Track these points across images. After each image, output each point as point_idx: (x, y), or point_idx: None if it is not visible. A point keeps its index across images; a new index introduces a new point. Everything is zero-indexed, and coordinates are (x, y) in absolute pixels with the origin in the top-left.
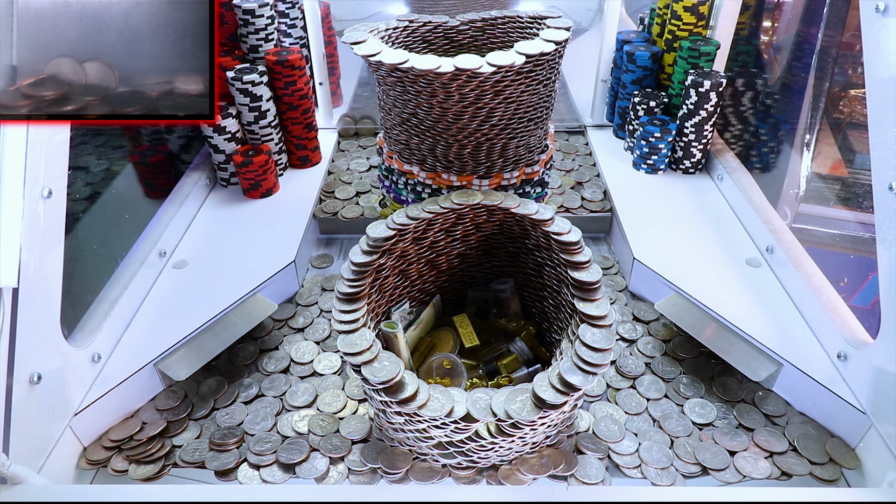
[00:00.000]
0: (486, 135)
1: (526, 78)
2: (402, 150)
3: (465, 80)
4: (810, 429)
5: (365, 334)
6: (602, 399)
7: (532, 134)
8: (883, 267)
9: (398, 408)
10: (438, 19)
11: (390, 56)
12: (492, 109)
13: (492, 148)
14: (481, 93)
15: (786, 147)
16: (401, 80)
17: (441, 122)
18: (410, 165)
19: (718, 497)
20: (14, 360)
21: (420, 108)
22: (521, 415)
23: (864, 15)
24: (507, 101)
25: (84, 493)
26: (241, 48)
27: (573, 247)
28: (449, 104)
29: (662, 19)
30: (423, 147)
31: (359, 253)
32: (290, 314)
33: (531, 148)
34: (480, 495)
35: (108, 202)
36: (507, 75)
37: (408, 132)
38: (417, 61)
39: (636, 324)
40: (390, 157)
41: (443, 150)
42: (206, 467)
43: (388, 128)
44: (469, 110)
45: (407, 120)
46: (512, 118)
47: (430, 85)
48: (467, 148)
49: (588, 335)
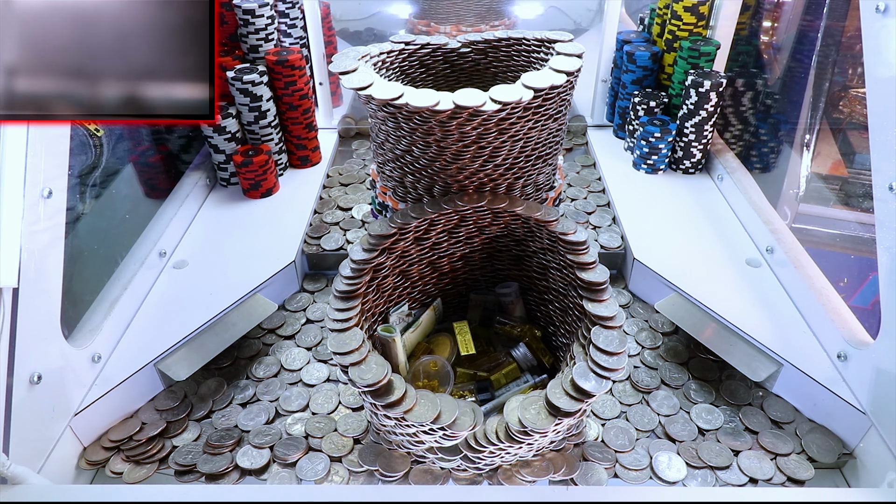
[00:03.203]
0: (489, 175)
1: (534, 113)
2: (396, 188)
3: (466, 119)
4: (811, 429)
5: (356, 334)
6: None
7: (540, 172)
8: (883, 267)
9: (385, 412)
10: (437, 41)
11: (383, 90)
12: (496, 148)
13: (495, 188)
14: (484, 131)
15: (786, 147)
16: (394, 115)
17: (439, 160)
18: (405, 204)
19: (719, 497)
20: (14, 360)
21: (415, 145)
22: (535, 423)
23: (864, 15)
24: (513, 140)
25: (84, 493)
26: (241, 48)
27: (580, 247)
28: (448, 142)
29: (662, 19)
30: (418, 186)
31: (359, 250)
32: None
33: (539, 186)
34: (479, 495)
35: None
36: (512, 112)
37: (402, 169)
38: (413, 97)
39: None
40: (384, 193)
41: (440, 190)
42: (198, 470)
43: (380, 162)
44: (470, 149)
45: (401, 157)
46: (518, 157)
47: (427, 122)
48: (468, 189)
49: (601, 338)
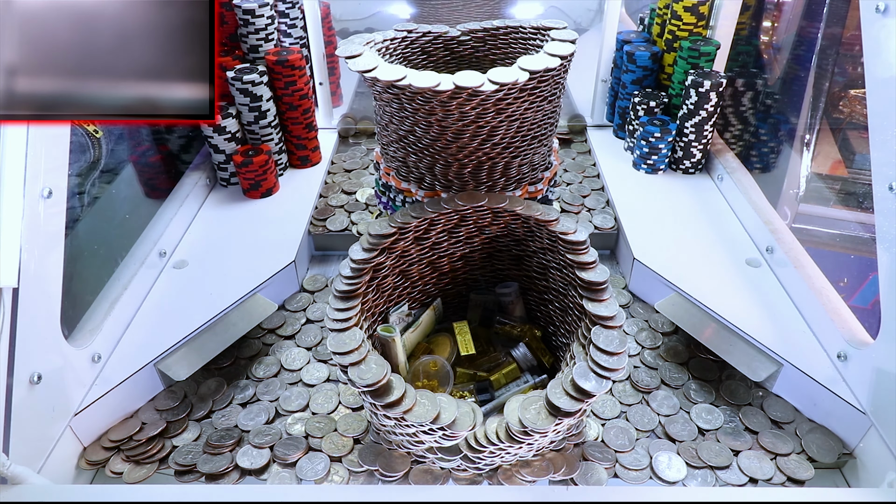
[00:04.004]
0: (488, 153)
1: (529, 95)
2: (400, 168)
3: (465, 99)
4: (811, 429)
5: (356, 334)
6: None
7: (536, 151)
8: (883, 267)
9: (384, 412)
10: (438, 29)
11: (387, 72)
12: (493, 128)
13: (493, 167)
14: (482, 111)
15: (786, 147)
16: (398, 96)
17: (440, 140)
18: (408, 183)
19: (719, 497)
20: (14, 360)
21: (418, 125)
22: (535, 423)
23: (864, 15)
24: (510, 119)
25: (84, 493)
26: (241, 48)
27: (580, 247)
28: (448, 122)
29: (662, 19)
30: (421, 165)
31: (358, 250)
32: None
33: (535, 166)
34: (479, 495)
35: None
36: (509, 93)
37: (405, 149)
38: (415, 78)
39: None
40: (387, 174)
41: (442, 168)
42: (198, 470)
43: (384, 144)
44: (469, 129)
45: (404, 137)
46: (515, 136)
47: (429, 103)
48: (467, 167)
49: (601, 338)
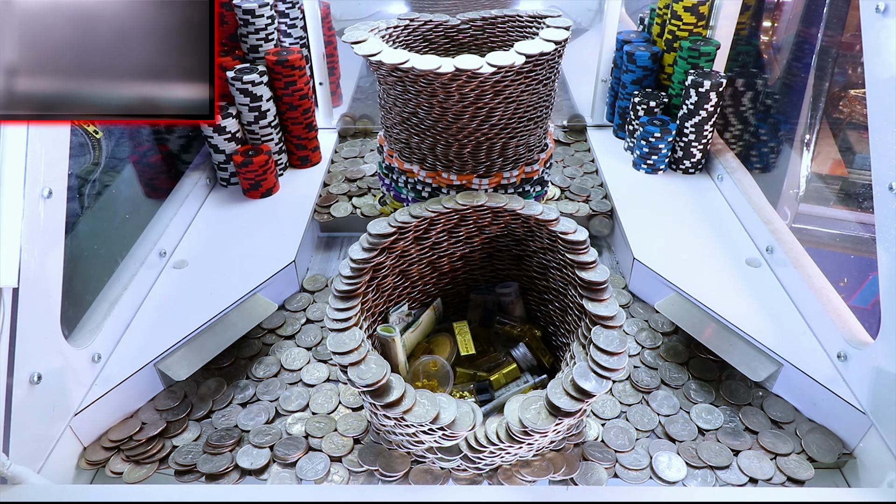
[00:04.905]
0: (486, 134)
1: (526, 78)
2: (403, 149)
3: (465, 81)
4: (811, 429)
5: (355, 334)
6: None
7: (532, 133)
8: (883, 267)
9: (384, 412)
10: (439, 18)
11: (391, 56)
12: (492, 109)
13: (492, 147)
14: (481, 93)
15: (786, 147)
16: (401, 79)
17: (441, 121)
18: (410, 164)
19: (719, 497)
20: (14, 360)
21: (420, 107)
22: (535, 423)
23: (864, 15)
24: (507, 101)
25: (84, 493)
26: (241, 48)
27: (580, 246)
28: (449, 104)
29: (662, 19)
30: (423, 146)
31: (358, 250)
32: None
33: (531, 147)
34: (479, 495)
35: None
36: (507, 75)
37: (408, 131)
38: (418, 61)
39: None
40: (391, 156)
41: (443, 149)
42: (198, 470)
43: (388, 126)
44: (469, 110)
45: (407, 119)
46: (512, 118)
47: (431, 85)
48: (467, 147)
49: (601, 337)
